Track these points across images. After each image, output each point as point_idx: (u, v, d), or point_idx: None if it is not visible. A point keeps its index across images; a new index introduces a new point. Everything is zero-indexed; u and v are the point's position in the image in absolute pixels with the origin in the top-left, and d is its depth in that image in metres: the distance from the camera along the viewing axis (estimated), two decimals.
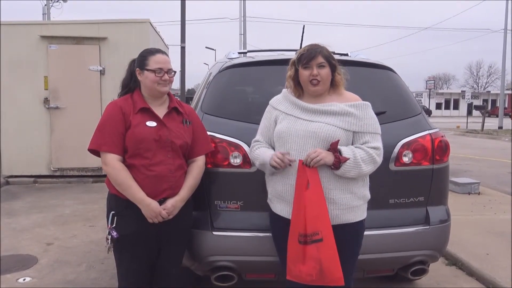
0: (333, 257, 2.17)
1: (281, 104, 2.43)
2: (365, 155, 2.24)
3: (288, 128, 2.32)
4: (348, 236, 2.32)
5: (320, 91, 2.33)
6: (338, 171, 2.21)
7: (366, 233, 2.46)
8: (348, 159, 2.18)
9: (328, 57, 2.31)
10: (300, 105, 2.35)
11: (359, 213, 2.35)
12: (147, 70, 2.41)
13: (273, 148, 2.44)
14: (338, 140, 2.23)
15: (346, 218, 2.30)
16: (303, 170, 2.20)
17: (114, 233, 2.39)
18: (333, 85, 2.36)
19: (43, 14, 23.89)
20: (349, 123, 2.27)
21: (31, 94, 7.89)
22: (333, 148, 2.21)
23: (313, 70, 2.28)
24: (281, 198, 2.37)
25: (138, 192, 2.34)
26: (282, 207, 2.38)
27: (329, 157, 2.19)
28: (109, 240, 2.41)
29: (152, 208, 2.35)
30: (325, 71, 2.29)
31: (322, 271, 2.17)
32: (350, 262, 2.38)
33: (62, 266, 4.13)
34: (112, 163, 2.34)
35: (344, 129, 2.27)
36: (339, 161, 2.18)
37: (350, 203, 2.29)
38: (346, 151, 2.21)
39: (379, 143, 2.31)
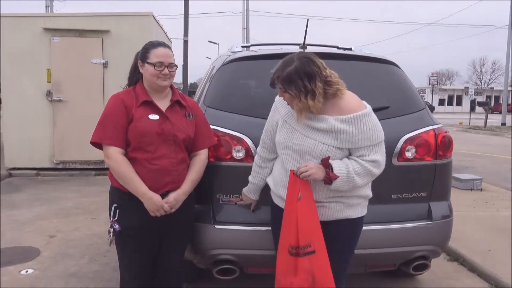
0: (325, 269, 2.15)
1: (283, 107, 2.35)
2: (359, 168, 2.16)
3: (286, 140, 2.28)
4: (345, 231, 2.31)
5: (295, 109, 2.20)
6: (331, 187, 2.16)
7: (368, 228, 2.45)
8: (338, 177, 2.11)
9: (284, 84, 2.13)
10: (295, 115, 2.26)
11: (359, 210, 2.33)
12: (148, 63, 2.39)
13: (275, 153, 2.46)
14: (329, 157, 2.15)
15: (346, 214, 2.28)
16: (294, 181, 2.17)
17: (116, 226, 2.39)
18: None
19: (46, 6, 23.84)
20: (342, 140, 2.17)
21: (33, 87, 7.90)
22: (324, 164, 2.14)
23: (280, 91, 2.22)
24: (278, 196, 2.39)
25: (141, 185, 2.34)
26: (280, 200, 2.38)
27: (320, 173, 2.14)
28: (111, 233, 2.41)
29: (154, 202, 2.35)
30: (287, 96, 2.18)
31: (314, 283, 2.15)
32: (344, 258, 2.36)
33: (64, 258, 4.15)
34: (114, 156, 2.34)
35: (337, 148, 2.18)
36: (329, 177, 2.12)
37: (350, 202, 2.28)
38: (338, 166, 2.14)
39: (376, 155, 2.18)
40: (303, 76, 2.10)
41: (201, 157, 2.54)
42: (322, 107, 2.18)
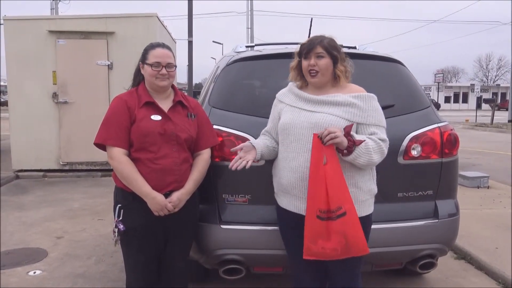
0: (357, 228, 2.15)
1: (286, 97, 2.42)
2: (374, 144, 2.19)
3: (292, 119, 2.31)
4: None
5: (318, 83, 2.31)
6: (350, 156, 2.15)
7: (374, 226, 2.44)
8: (364, 141, 2.15)
9: (328, 47, 2.26)
10: (304, 96, 2.34)
11: (365, 208, 2.31)
12: (146, 64, 2.43)
13: (276, 142, 2.45)
14: (352, 124, 2.19)
15: None
16: (318, 145, 2.15)
17: (121, 226, 2.41)
18: (335, 77, 2.31)
19: (51, 9, 23.99)
20: (353, 114, 2.23)
21: (39, 89, 7.96)
22: (347, 132, 2.16)
23: (311, 60, 2.27)
24: (286, 192, 2.36)
25: (144, 185, 2.35)
26: (287, 201, 2.37)
27: (344, 139, 2.14)
28: (116, 233, 2.43)
29: (157, 201, 2.36)
30: (323, 62, 2.26)
31: (347, 244, 2.15)
32: (355, 258, 2.32)
33: (71, 259, 4.18)
34: (118, 157, 2.35)
35: (347, 120, 2.22)
36: (353, 143, 2.13)
37: (356, 197, 2.24)
38: (358, 136, 2.19)
39: (385, 136, 2.27)
40: (340, 47, 2.32)
41: (204, 157, 2.55)
42: (335, 89, 2.31)
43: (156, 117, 2.41)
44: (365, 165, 2.23)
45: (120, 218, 2.42)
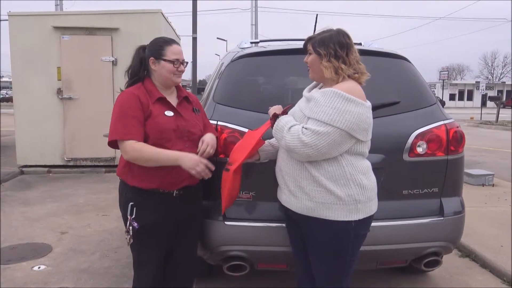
0: (223, 187, 2.41)
1: (306, 91, 2.43)
2: (295, 129, 2.09)
3: (293, 112, 2.34)
4: (326, 234, 2.17)
5: (313, 79, 2.31)
6: (273, 128, 2.25)
7: (379, 224, 2.41)
8: (277, 114, 2.24)
9: (316, 45, 2.19)
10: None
11: (338, 212, 2.12)
12: (164, 60, 2.39)
13: None
14: (291, 105, 2.33)
15: (322, 214, 2.13)
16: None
17: (135, 224, 2.36)
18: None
19: (55, 5, 24.01)
20: (309, 108, 2.15)
21: (44, 85, 7.98)
22: (283, 111, 2.29)
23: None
24: (278, 185, 2.39)
25: (171, 153, 2.30)
26: (278, 193, 2.39)
27: (277, 110, 2.29)
28: (130, 231, 2.37)
29: (192, 157, 2.31)
30: (310, 58, 2.25)
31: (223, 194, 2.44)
32: (332, 264, 2.24)
33: (76, 254, 4.19)
34: (132, 146, 2.27)
35: (306, 117, 2.16)
36: (275, 116, 2.24)
37: (322, 197, 2.13)
38: (287, 116, 2.23)
39: (317, 127, 2.03)
40: (336, 43, 2.18)
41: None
42: (327, 86, 2.24)
43: (169, 113, 2.40)
44: (281, 143, 2.17)
45: (133, 216, 2.37)
